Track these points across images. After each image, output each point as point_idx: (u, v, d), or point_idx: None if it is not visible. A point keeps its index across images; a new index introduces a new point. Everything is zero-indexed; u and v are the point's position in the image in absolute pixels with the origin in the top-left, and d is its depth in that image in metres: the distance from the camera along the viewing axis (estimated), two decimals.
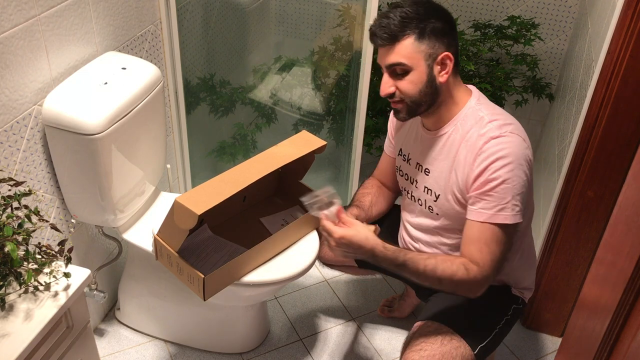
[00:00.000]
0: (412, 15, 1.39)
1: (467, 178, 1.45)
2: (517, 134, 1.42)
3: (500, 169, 1.39)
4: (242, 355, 2.02)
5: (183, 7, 2.13)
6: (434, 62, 1.42)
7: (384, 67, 1.46)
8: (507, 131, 1.41)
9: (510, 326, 1.64)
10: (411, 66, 1.41)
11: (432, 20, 1.40)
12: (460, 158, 1.47)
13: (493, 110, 1.48)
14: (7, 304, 1.23)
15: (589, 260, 1.89)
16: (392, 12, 1.41)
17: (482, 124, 1.44)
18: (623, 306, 0.86)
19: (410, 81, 1.43)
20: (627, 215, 0.90)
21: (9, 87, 1.45)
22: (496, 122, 1.43)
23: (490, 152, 1.40)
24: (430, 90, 1.44)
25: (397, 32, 1.39)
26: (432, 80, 1.43)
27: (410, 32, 1.39)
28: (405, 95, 1.45)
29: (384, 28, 1.40)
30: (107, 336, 2.06)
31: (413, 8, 1.40)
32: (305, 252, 1.75)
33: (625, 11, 1.54)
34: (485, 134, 1.43)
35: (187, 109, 2.26)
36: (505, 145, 1.40)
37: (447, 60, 1.42)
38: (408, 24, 1.39)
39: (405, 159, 1.66)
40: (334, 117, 2.49)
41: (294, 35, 2.74)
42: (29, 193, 1.27)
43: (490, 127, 1.43)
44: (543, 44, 2.59)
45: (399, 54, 1.41)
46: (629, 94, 1.58)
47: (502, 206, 1.40)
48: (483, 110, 1.47)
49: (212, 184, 1.52)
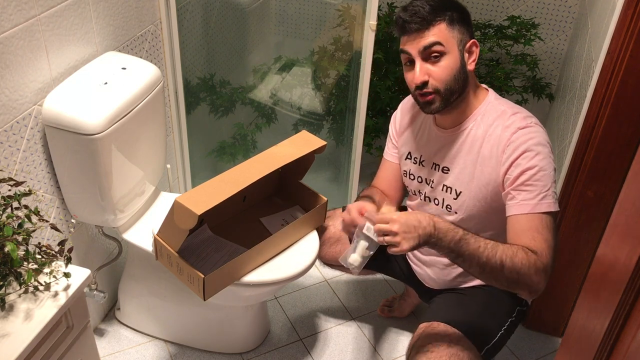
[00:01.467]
0: (438, 4, 1.42)
1: (496, 171, 1.45)
2: (540, 125, 1.45)
3: (535, 157, 1.39)
4: (242, 355, 2.02)
5: (183, 7, 2.13)
6: (464, 49, 1.44)
7: (417, 52, 1.43)
8: (532, 122, 1.44)
9: (515, 327, 1.63)
10: (447, 49, 1.42)
11: (457, 10, 1.44)
12: (485, 152, 1.47)
13: (513, 105, 1.51)
14: (7, 304, 1.23)
15: (589, 260, 1.89)
16: (419, 1, 1.43)
17: (506, 117, 1.46)
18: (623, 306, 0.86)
19: (446, 66, 1.42)
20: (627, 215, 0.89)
21: (9, 87, 1.45)
22: (519, 115, 1.45)
23: (521, 141, 1.41)
24: (462, 77, 1.45)
25: (430, 18, 1.41)
26: (464, 67, 1.44)
27: (441, 18, 1.41)
28: (440, 81, 1.43)
29: (415, 15, 1.41)
30: (107, 336, 2.06)
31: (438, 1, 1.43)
32: (305, 252, 1.75)
33: (625, 11, 1.54)
34: (511, 125, 1.44)
35: (187, 109, 2.26)
36: (534, 135, 1.41)
37: (474, 48, 1.46)
38: (438, 11, 1.41)
39: (416, 162, 1.64)
40: (334, 117, 2.49)
41: (294, 35, 2.74)
42: (29, 193, 1.27)
43: (515, 119, 1.45)
44: (543, 44, 2.59)
45: (435, 36, 1.41)
46: (629, 94, 1.58)
47: (544, 194, 1.39)
48: (503, 104, 1.49)
49: (212, 184, 1.52)
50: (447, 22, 1.42)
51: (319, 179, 2.55)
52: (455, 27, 1.43)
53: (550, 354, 2.06)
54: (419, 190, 1.66)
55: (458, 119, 1.52)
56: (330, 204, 1.86)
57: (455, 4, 1.46)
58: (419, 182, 1.65)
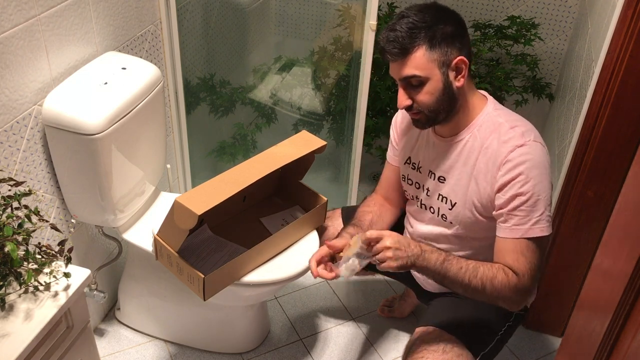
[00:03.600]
0: (420, 24, 1.35)
1: (490, 187, 1.43)
2: (539, 142, 1.41)
3: (530, 180, 1.37)
4: (242, 355, 2.02)
5: (183, 7, 2.13)
6: (449, 69, 1.38)
7: (397, 80, 1.42)
8: (530, 139, 1.39)
9: (512, 332, 1.63)
10: (426, 77, 1.37)
11: (441, 25, 1.36)
12: (481, 166, 1.45)
13: (511, 117, 1.46)
14: (7, 304, 1.23)
15: (589, 260, 1.89)
16: (398, 24, 1.36)
17: (503, 131, 1.42)
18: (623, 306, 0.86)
19: (427, 92, 1.39)
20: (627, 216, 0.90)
21: (9, 87, 1.45)
22: (518, 130, 1.41)
23: (518, 161, 1.38)
24: (447, 97, 1.40)
25: (407, 45, 1.35)
26: (449, 87, 1.40)
27: (421, 42, 1.35)
28: (422, 106, 1.41)
29: (393, 42, 1.36)
30: (107, 336, 2.06)
31: (419, 16, 1.36)
32: (305, 252, 1.75)
33: (625, 11, 1.54)
34: (508, 141, 1.40)
35: (187, 109, 2.26)
36: (531, 155, 1.38)
37: (461, 65, 1.39)
38: (417, 34, 1.35)
39: (414, 167, 1.63)
40: (334, 117, 2.49)
41: (294, 35, 2.74)
42: (29, 193, 1.27)
43: (513, 134, 1.41)
44: (543, 44, 2.59)
45: (411, 67, 1.37)
46: (629, 94, 1.58)
47: (536, 219, 1.38)
48: (501, 116, 1.45)
49: (212, 184, 1.52)
50: (427, 46, 1.35)
51: (319, 179, 2.54)
52: (436, 50, 1.36)
53: (550, 354, 2.06)
54: (416, 195, 1.65)
55: (455, 129, 1.49)
56: (330, 204, 1.86)
57: (441, 18, 1.38)
58: (416, 188, 1.64)
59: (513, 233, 1.40)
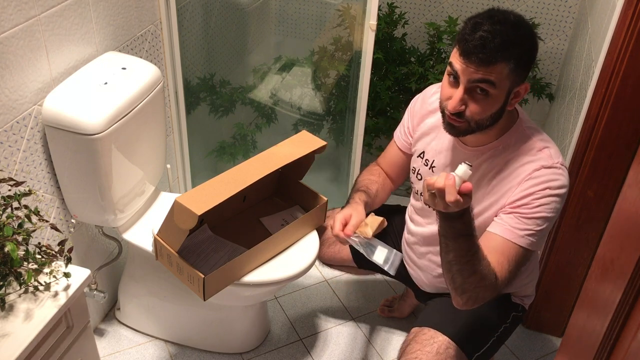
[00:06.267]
0: (514, 40, 1.28)
1: (505, 200, 1.42)
2: (564, 167, 1.40)
3: (547, 198, 1.36)
4: (242, 355, 2.02)
5: (183, 7, 2.13)
6: (513, 91, 1.35)
7: (465, 80, 1.32)
8: (558, 162, 1.39)
9: (509, 334, 1.63)
10: (496, 91, 1.32)
11: (529, 48, 1.32)
12: (500, 181, 1.43)
13: (540, 136, 1.44)
14: (7, 304, 1.23)
15: (589, 260, 1.89)
16: (492, 31, 1.28)
17: (532, 153, 1.40)
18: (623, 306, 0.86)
19: (485, 105, 1.34)
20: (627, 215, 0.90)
21: (9, 87, 1.45)
22: (547, 151, 1.40)
23: (541, 180, 1.37)
24: (497, 116, 1.37)
25: (496, 57, 1.28)
26: (504, 107, 1.36)
27: (508, 60, 1.29)
28: (474, 116, 1.35)
29: (482, 47, 1.28)
30: (107, 336, 2.06)
31: (515, 31, 1.30)
32: (305, 252, 1.75)
33: (625, 11, 1.54)
34: (536, 161, 1.39)
35: (187, 109, 2.26)
36: (557, 177, 1.37)
37: (522, 91, 1.36)
38: (508, 49, 1.28)
39: (427, 164, 1.59)
40: (334, 117, 2.49)
41: (294, 35, 2.74)
42: (29, 193, 1.27)
43: (542, 156, 1.39)
44: (543, 44, 2.59)
45: (492, 76, 1.30)
46: (629, 94, 1.58)
47: (533, 232, 1.37)
48: (531, 134, 1.43)
49: (212, 184, 1.52)
50: (511, 66, 1.29)
51: (319, 179, 2.54)
52: (516, 72, 1.31)
53: (550, 354, 2.06)
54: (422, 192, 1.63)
55: (482, 140, 1.45)
56: (330, 204, 1.86)
57: (529, 41, 1.32)
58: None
59: (506, 232, 1.39)
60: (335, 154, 2.53)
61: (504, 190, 1.42)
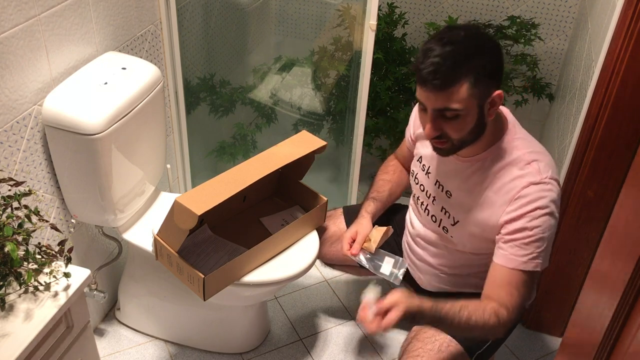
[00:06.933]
0: (465, 56, 1.25)
1: (495, 217, 1.41)
2: (555, 178, 1.38)
3: (539, 218, 1.35)
4: (242, 355, 2.02)
5: (183, 7, 2.13)
6: (485, 103, 1.32)
7: (430, 109, 1.32)
8: (547, 177, 1.36)
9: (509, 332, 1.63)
10: (464, 111, 1.29)
11: (487, 58, 1.27)
12: (490, 194, 1.42)
13: (530, 147, 1.40)
14: (7, 304, 1.23)
15: (589, 260, 1.89)
16: (442, 54, 1.25)
17: (520, 165, 1.38)
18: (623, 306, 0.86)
19: (460, 125, 1.32)
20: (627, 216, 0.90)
21: (9, 87, 1.45)
22: (535, 165, 1.37)
23: (531, 199, 1.35)
24: (478, 130, 1.35)
25: (451, 78, 1.25)
26: (482, 119, 1.34)
27: (465, 77, 1.25)
28: (453, 137, 1.35)
29: (434, 73, 1.25)
30: (107, 336, 2.06)
31: (467, 47, 1.26)
32: (305, 252, 1.75)
33: (625, 11, 1.54)
34: (524, 175, 1.37)
35: (187, 109, 2.26)
36: (546, 194, 1.35)
37: (497, 99, 1.32)
38: (462, 67, 1.25)
39: (424, 170, 1.59)
40: (334, 117, 2.49)
41: (294, 35, 2.74)
42: (29, 193, 1.27)
43: (530, 170, 1.37)
44: (543, 44, 2.59)
45: (451, 100, 1.27)
46: (629, 94, 1.58)
47: (535, 254, 1.37)
48: (520, 148, 1.40)
49: (212, 184, 1.52)
50: (471, 82, 1.25)
51: (319, 179, 2.54)
52: (480, 86, 1.27)
53: (550, 354, 2.06)
54: (419, 198, 1.63)
55: (472, 151, 1.44)
56: (330, 204, 1.86)
57: (486, 49, 1.28)
58: (421, 190, 1.61)
59: (509, 262, 1.38)
60: (335, 154, 2.52)
61: (496, 205, 1.41)
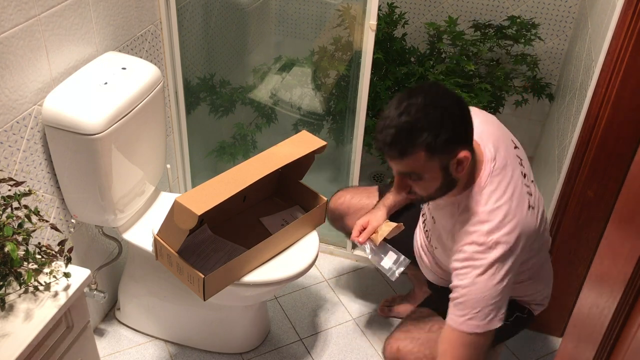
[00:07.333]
0: (422, 126, 1.23)
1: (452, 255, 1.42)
2: (503, 242, 1.32)
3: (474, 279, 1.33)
4: (242, 355, 2.02)
5: (183, 7, 2.13)
6: (450, 164, 1.29)
7: (395, 171, 1.35)
8: (493, 240, 1.32)
9: (509, 332, 1.63)
10: (426, 174, 1.30)
11: (443, 126, 1.24)
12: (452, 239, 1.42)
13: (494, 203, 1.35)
14: (7, 304, 1.23)
15: (589, 260, 1.89)
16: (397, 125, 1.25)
17: (474, 221, 1.35)
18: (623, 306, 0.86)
19: (426, 184, 1.32)
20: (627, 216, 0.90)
21: (9, 87, 1.45)
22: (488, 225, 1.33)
23: (466, 256, 1.35)
24: (446, 187, 1.34)
25: (406, 149, 1.26)
26: (449, 177, 1.32)
27: (420, 148, 1.24)
28: (421, 193, 1.36)
29: (390, 145, 1.27)
30: (107, 336, 2.06)
31: (420, 116, 1.24)
32: (305, 252, 1.75)
33: (625, 11, 1.54)
34: (472, 233, 1.34)
35: (187, 109, 2.26)
36: (483, 257, 1.32)
37: (463, 159, 1.29)
38: (418, 138, 1.24)
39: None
40: (334, 117, 2.49)
41: (294, 35, 2.74)
42: (29, 193, 1.27)
43: (479, 229, 1.34)
44: (543, 44, 2.59)
45: (411, 167, 1.29)
46: (629, 94, 1.58)
47: (471, 316, 1.35)
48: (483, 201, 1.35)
49: (212, 184, 1.52)
50: (428, 152, 1.24)
51: (319, 179, 2.54)
52: (437, 154, 1.25)
53: (550, 354, 2.06)
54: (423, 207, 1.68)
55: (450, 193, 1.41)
56: None
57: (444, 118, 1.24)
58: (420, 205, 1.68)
59: (449, 319, 1.39)
60: (335, 154, 2.52)
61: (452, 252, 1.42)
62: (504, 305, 1.37)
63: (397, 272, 1.68)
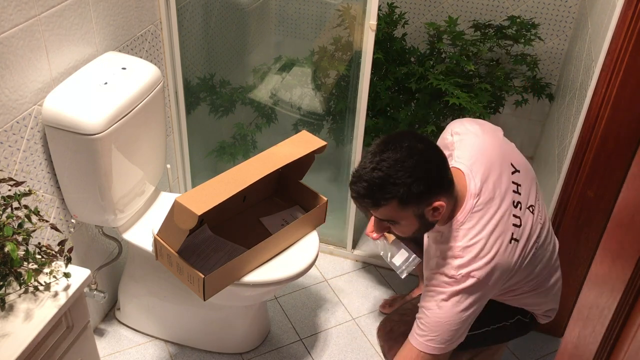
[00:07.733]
0: (394, 181, 1.27)
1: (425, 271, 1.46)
2: (473, 275, 1.34)
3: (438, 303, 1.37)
4: (242, 355, 2.02)
5: (183, 7, 2.13)
6: (425, 211, 1.32)
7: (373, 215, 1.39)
8: (460, 275, 1.35)
9: (509, 334, 1.63)
10: (400, 221, 1.35)
11: (418, 179, 1.27)
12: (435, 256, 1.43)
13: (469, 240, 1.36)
14: (7, 304, 1.23)
15: (589, 260, 1.89)
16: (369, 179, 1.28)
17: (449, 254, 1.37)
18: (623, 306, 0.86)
19: (403, 229, 1.38)
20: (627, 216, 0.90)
21: (9, 87, 1.45)
22: (459, 260, 1.35)
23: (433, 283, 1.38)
24: (424, 229, 1.39)
25: (379, 201, 1.30)
26: (425, 222, 1.35)
27: (393, 199, 1.28)
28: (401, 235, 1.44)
29: (363, 197, 1.31)
30: (107, 336, 2.06)
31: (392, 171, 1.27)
32: (305, 252, 1.75)
33: (625, 11, 1.54)
34: (444, 265, 1.37)
35: (187, 109, 2.26)
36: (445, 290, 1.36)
37: (439, 207, 1.32)
38: (390, 192, 1.27)
39: None
40: (334, 117, 2.49)
41: (294, 35, 2.74)
42: (29, 193, 1.27)
43: (451, 262, 1.36)
44: (543, 44, 2.59)
45: (386, 215, 1.34)
46: (629, 94, 1.58)
47: (430, 338, 1.38)
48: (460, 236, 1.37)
49: (212, 184, 1.52)
50: (399, 201, 1.28)
51: (319, 179, 2.54)
52: (410, 205, 1.29)
53: (550, 354, 2.06)
54: None
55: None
56: (330, 204, 1.86)
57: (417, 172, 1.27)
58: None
59: (410, 335, 1.43)
60: (335, 154, 2.52)
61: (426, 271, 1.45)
62: (464, 333, 1.40)
63: (406, 271, 1.71)
